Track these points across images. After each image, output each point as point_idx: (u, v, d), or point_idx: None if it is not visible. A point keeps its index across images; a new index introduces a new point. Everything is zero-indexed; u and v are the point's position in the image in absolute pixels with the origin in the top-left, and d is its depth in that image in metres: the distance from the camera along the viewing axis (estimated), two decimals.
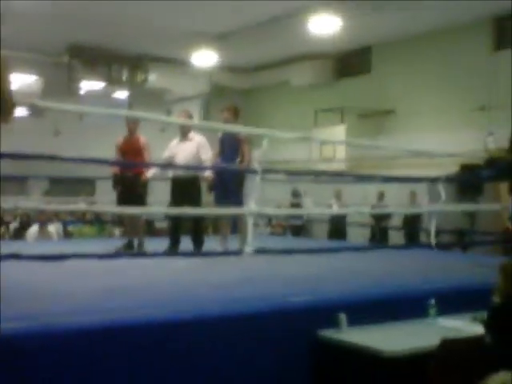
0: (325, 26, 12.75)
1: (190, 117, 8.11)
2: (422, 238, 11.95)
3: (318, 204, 12.32)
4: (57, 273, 5.26)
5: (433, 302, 4.71)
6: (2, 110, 3.35)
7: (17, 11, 11.45)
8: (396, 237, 13.23)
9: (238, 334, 4.08)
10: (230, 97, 17.21)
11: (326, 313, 4.37)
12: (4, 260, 4.21)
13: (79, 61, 16.03)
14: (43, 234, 10.01)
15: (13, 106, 3.38)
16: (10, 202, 4.59)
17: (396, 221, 13.38)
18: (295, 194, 14.24)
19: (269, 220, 14.45)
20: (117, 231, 11.24)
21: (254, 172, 5.64)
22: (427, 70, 14.68)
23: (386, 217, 12.77)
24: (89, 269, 5.55)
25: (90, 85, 16.58)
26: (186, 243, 7.56)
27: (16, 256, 4.38)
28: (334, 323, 4.33)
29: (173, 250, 7.32)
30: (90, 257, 4.87)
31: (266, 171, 5.77)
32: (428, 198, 7.13)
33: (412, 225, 12.53)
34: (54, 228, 10.41)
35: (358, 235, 13.53)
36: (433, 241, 6.61)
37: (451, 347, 3.93)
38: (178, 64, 16.49)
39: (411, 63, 15.11)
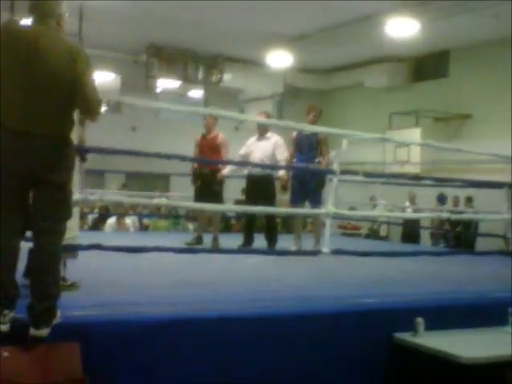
0: (402, 29, 12.60)
1: (269, 117, 8.19)
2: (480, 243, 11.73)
3: (393, 207, 12.14)
4: (132, 265, 5.38)
5: None
6: (89, 108, 3.43)
7: (98, 10, 11.70)
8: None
9: (312, 333, 4.09)
10: (303, 98, 17.22)
11: (403, 316, 4.34)
12: (86, 250, 4.32)
13: (157, 60, 16.31)
14: (120, 225, 10.23)
15: (99, 103, 3.46)
16: (94, 195, 4.72)
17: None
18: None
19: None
20: (190, 226, 11.38)
21: (333, 173, 5.61)
22: (506, 75, 14.29)
23: (462, 222, 12.42)
24: (163, 262, 5.66)
25: (166, 83, 16.85)
26: (260, 241, 7.61)
27: (97, 246, 4.47)
28: (410, 327, 4.29)
29: (247, 247, 7.38)
30: (167, 250, 4.93)
31: (344, 172, 5.73)
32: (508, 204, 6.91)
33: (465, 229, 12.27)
34: (130, 220, 10.63)
35: (432, 238, 13.31)
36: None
37: None
38: (253, 64, 16.59)
39: (490, 68, 14.75)
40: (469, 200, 13.08)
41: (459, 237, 12.81)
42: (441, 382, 4.06)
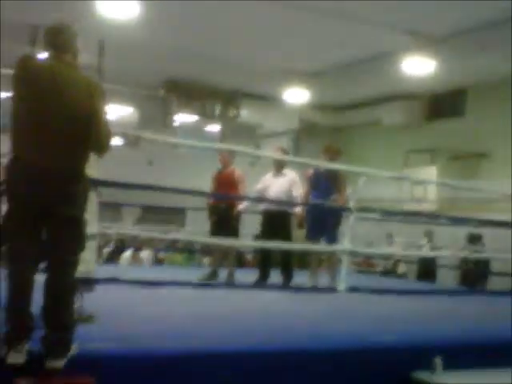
0: (418, 67, 12.66)
1: (286, 153, 8.24)
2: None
3: (409, 244, 12.09)
4: (148, 298, 5.38)
5: None
6: (100, 145, 3.46)
7: (117, 44, 11.86)
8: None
9: (330, 370, 4.05)
10: (319, 134, 17.29)
11: (420, 354, 4.28)
12: (104, 284, 4.33)
13: (174, 95, 16.47)
14: (135, 259, 10.25)
15: (109, 140, 3.49)
16: (111, 228, 4.74)
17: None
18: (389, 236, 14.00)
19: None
20: (205, 260, 11.38)
21: (349, 210, 5.61)
22: None
23: (482, 261, 12.28)
24: (179, 296, 5.66)
25: (183, 118, 16.99)
26: (275, 277, 7.59)
27: (114, 280, 4.49)
28: (427, 365, 4.23)
29: (263, 283, 7.37)
30: (184, 285, 4.93)
31: (360, 210, 5.73)
32: None
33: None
34: (146, 254, 10.65)
35: (447, 277, 13.18)
36: None
37: None
38: (270, 100, 16.70)
39: (507, 106, 14.73)
40: (477, 238, 12.95)
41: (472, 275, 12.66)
42: None
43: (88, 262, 4.02)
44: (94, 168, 4.10)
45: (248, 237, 8.74)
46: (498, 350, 4.65)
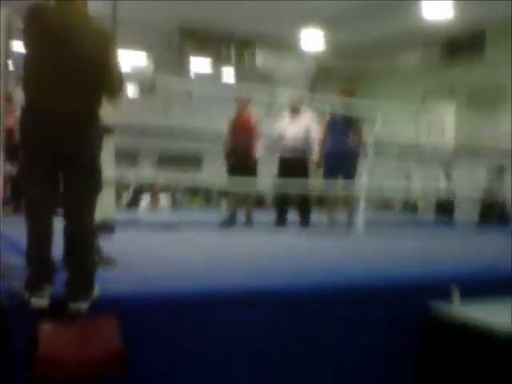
0: (437, 9, 12.41)
1: (302, 98, 8.22)
2: None
3: (428, 181, 12.03)
4: (168, 241, 5.44)
5: None
6: (113, 92, 3.46)
7: None
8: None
9: (349, 307, 4.08)
10: (335, 80, 17.07)
11: (439, 287, 4.31)
12: (124, 227, 4.37)
13: (189, 40, 16.31)
14: (154, 203, 10.33)
15: (122, 88, 3.49)
16: (129, 173, 4.77)
17: None
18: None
19: None
20: (223, 203, 11.41)
21: (367, 145, 5.59)
22: None
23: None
24: (198, 239, 5.72)
25: (198, 63, 16.84)
26: (293, 217, 7.62)
27: (134, 223, 4.54)
28: (447, 297, 4.26)
29: (281, 223, 7.40)
30: (201, 226, 4.98)
31: (379, 145, 5.70)
32: None
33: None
34: (164, 198, 10.72)
35: (466, 211, 13.14)
36: None
37: None
38: (285, 45, 16.49)
39: None
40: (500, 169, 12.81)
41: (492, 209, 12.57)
42: (477, 355, 4.00)
43: (107, 207, 4.06)
44: (110, 114, 4.10)
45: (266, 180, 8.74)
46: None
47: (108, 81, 3.40)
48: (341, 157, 7.35)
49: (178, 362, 3.59)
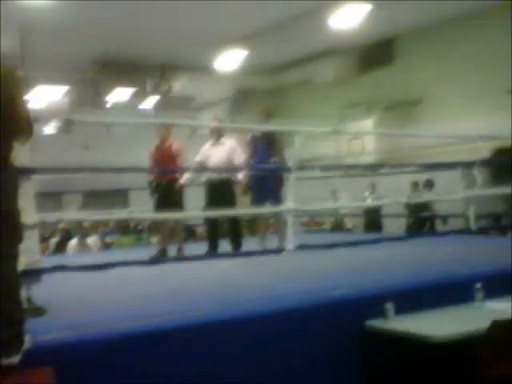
0: (346, 20, 12.70)
1: (222, 122, 8.20)
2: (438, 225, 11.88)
3: (354, 198, 12.25)
4: (99, 283, 5.34)
5: (479, 286, 4.67)
6: (18, 128, 3.39)
7: (39, 29, 11.57)
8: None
9: (286, 329, 4.10)
10: (255, 98, 17.26)
11: (372, 303, 4.37)
12: (50, 273, 4.27)
13: (104, 74, 16.21)
14: (83, 246, 10.13)
15: (29, 121, 3.42)
16: (52, 217, 4.66)
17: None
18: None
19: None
20: (154, 240, 11.31)
21: (289, 170, 5.65)
22: (453, 56, 14.54)
23: (424, 206, 12.51)
24: (130, 277, 5.64)
25: (115, 97, 16.73)
26: (225, 246, 7.61)
27: (61, 268, 4.44)
28: (380, 313, 4.33)
29: (212, 253, 7.37)
30: (132, 264, 4.91)
31: (300, 168, 5.77)
32: (463, 183, 7.04)
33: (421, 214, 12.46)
34: (92, 240, 10.53)
35: (393, 227, 13.46)
36: (473, 226, 6.55)
37: (501, 329, 3.90)
38: (202, 70, 16.56)
39: (436, 50, 14.98)
40: (415, 185, 13.22)
41: (420, 221, 12.93)
42: (414, 364, 4.10)
43: (32, 253, 3.95)
44: (25, 156, 4.01)
45: (193, 210, 8.70)
46: (446, 289, 4.79)
47: (14, 120, 3.31)
48: (266, 181, 7.40)
49: None
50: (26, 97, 3.78)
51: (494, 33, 13.49)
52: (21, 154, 3.64)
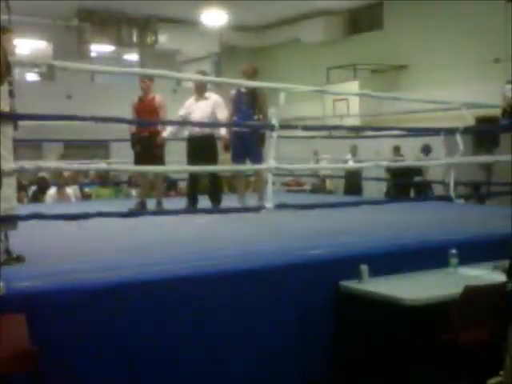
0: None
1: (206, 75, 8.08)
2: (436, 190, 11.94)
3: (335, 160, 12.25)
4: (76, 233, 5.32)
5: (454, 251, 4.71)
6: None
7: None
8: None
9: (260, 286, 4.14)
10: (240, 56, 17.12)
11: (347, 264, 4.41)
12: (26, 220, 4.22)
13: (89, 24, 15.95)
14: (61, 196, 10.05)
15: (6, 66, 3.35)
16: (31, 164, 4.60)
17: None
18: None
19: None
20: (133, 192, 11.24)
21: (272, 128, 5.61)
22: (440, 23, 14.47)
23: (403, 171, 12.54)
24: (108, 228, 5.63)
25: (100, 48, 16.51)
26: (204, 202, 7.60)
27: (38, 216, 4.40)
28: (355, 274, 4.37)
29: (191, 208, 7.35)
30: (110, 215, 4.88)
31: (283, 126, 5.74)
32: (444, 150, 7.04)
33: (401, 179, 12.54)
34: (71, 190, 10.44)
35: (373, 190, 13.53)
36: (452, 193, 6.58)
37: (474, 294, 3.96)
38: (188, 24, 16.38)
39: (423, 17, 14.90)
40: (397, 149, 13.25)
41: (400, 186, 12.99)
42: (387, 326, 4.16)
43: (9, 200, 3.91)
44: (5, 102, 3.94)
45: (174, 164, 8.66)
46: (421, 253, 4.84)
47: None
48: (247, 138, 7.37)
49: (91, 357, 3.54)
50: (10, 41, 3.69)
51: (482, 0, 13.37)
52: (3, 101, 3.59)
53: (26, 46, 14.92)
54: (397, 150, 13.22)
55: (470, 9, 13.75)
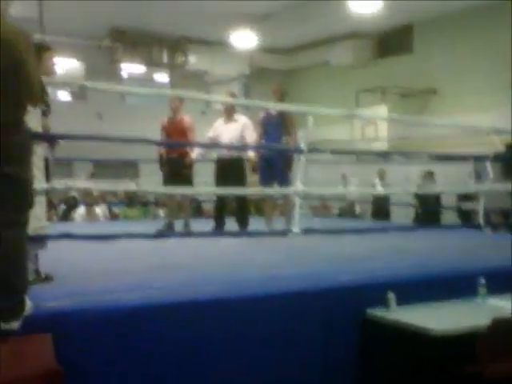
0: (366, 4, 12.60)
1: (235, 97, 8.11)
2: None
3: (363, 184, 12.20)
4: (104, 253, 5.35)
5: (483, 281, 4.65)
6: (29, 92, 3.33)
7: None
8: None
9: (285, 312, 4.10)
10: (270, 78, 17.17)
11: (374, 292, 4.36)
12: (56, 239, 4.26)
13: (120, 44, 16.14)
14: (90, 215, 10.14)
15: (40, 86, 3.37)
16: (61, 183, 4.65)
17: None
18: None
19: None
20: (161, 213, 11.30)
21: (300, 151, 5.61)
22: (471, 47, 14.40)
23: (433, 197, 12.41)
24: (136, 249, 5.65)
25: (131, 68, 16.70)
26: (231, 224, 7.60)
27: (67, 235, 4.44)
28: (382, 302, 4.32)
29: (219, 231, 7.36)
30: (137, 237, 4.91)
31: (311, 150, 5.74)
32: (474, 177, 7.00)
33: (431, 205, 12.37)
34: (100, 210, 10.54)
35: (401, 215, 13.42)
36: (482, 221, 6.50)
37: (502, 327, 3.90)
38: (218, 45, 16.49)
39: (454, 41, 14.85)
40: (427, 175, 13.13)
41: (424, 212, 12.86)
42: (413, 356, 4.11)
43: (39, 219, 3.94)
44: (37, 122, 3.99)
45: (202, 186, 8.69)
46: (449, 282, 4.78)
47: (25, 84, 3.25)
48: (275, 161, 7.38)
49: (116, 380, 3.54)
50: (49, 60, 3.73)
51: None
52: (33, 119, 3.61)
53: (59, 65, 15.17)
54: (429, 175, 13.07)
55: (500, 32, 13.66)
